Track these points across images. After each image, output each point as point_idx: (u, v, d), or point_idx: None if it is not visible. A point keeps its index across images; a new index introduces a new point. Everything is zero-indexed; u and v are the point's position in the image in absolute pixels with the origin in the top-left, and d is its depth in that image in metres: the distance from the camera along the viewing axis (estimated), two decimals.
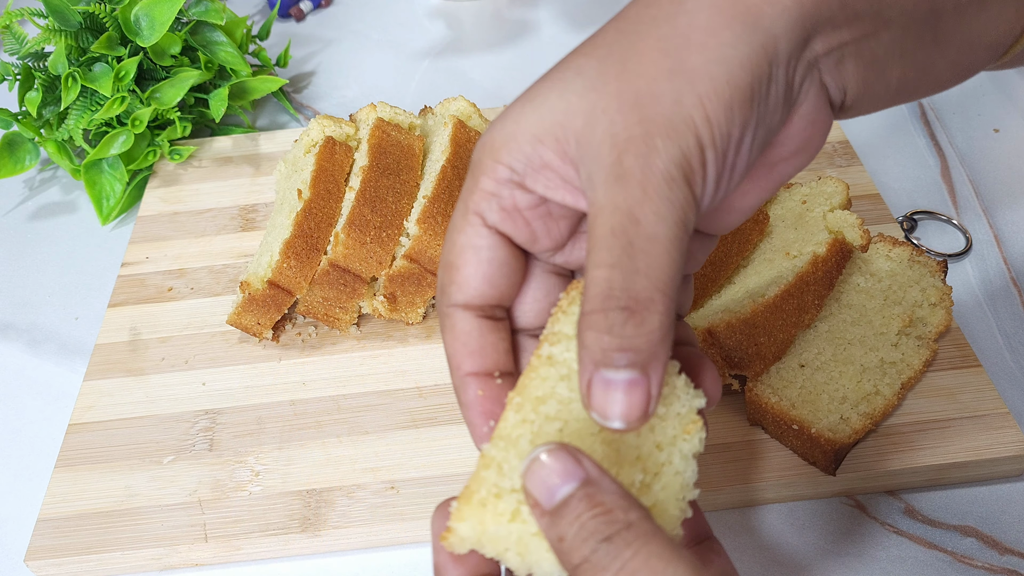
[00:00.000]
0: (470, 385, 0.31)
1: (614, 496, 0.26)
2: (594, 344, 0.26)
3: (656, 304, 0.26)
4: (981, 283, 0.59)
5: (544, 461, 0.26)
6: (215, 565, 0.47)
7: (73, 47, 0.66)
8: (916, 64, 0.31)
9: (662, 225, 0.26)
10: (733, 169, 0.28)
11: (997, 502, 0.47)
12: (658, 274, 0.26)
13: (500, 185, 0.29)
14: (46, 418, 0.55)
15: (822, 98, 0.30)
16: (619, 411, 0.26)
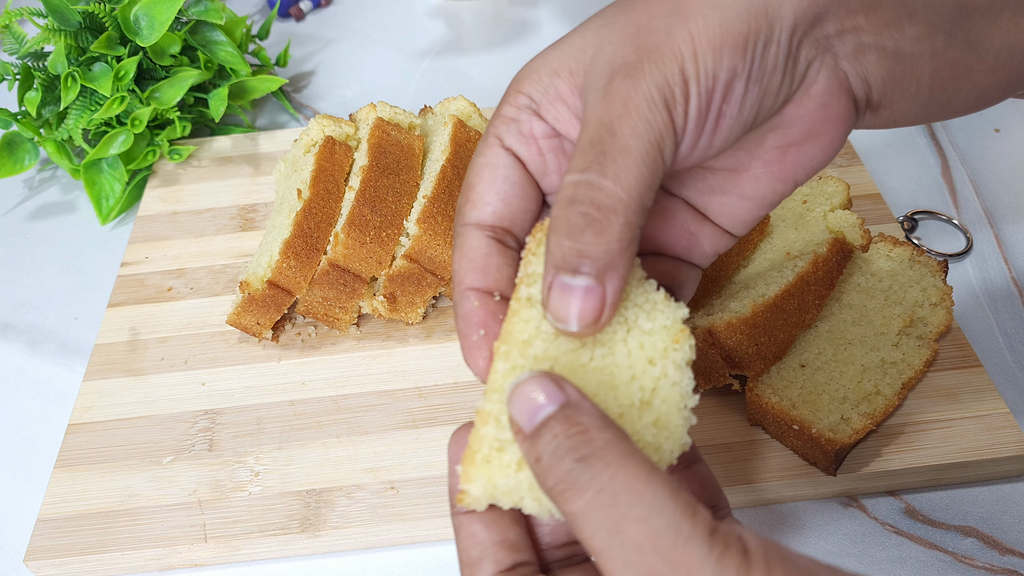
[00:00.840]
0: (469, 298, 0.31)
1: (592, 417, 0.26)
2: (555, 249, 0.27)
3: (618, 214, 0.27)
4: (982, 283, 0.59)
5: (525, 387, 0.27)
6: (215, 565, 0.47)
7: (72, 47, 0.65)
8: (950, 64, 0.31)
9: (636, 139, 0.27)
10: (721, 116, 0.29)
11: (998, 502, 0.47)
12: (624, 185, 0.27)
13: (519, 111, 0.31)
14: (45, 418, 0.55)
15: (837, 83, 0.30)
16: (573, 316, 0.27)
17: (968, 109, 0.33)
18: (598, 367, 0.29)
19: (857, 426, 0.46)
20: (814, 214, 0.55)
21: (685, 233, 0.34)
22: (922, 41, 0.30)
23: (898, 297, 0.52)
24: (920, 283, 0.52)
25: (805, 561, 0.24)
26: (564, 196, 0.28)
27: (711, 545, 0.23)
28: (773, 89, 0.29)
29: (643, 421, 0.28)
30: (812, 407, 0.47)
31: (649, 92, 0.28)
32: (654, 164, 0.28)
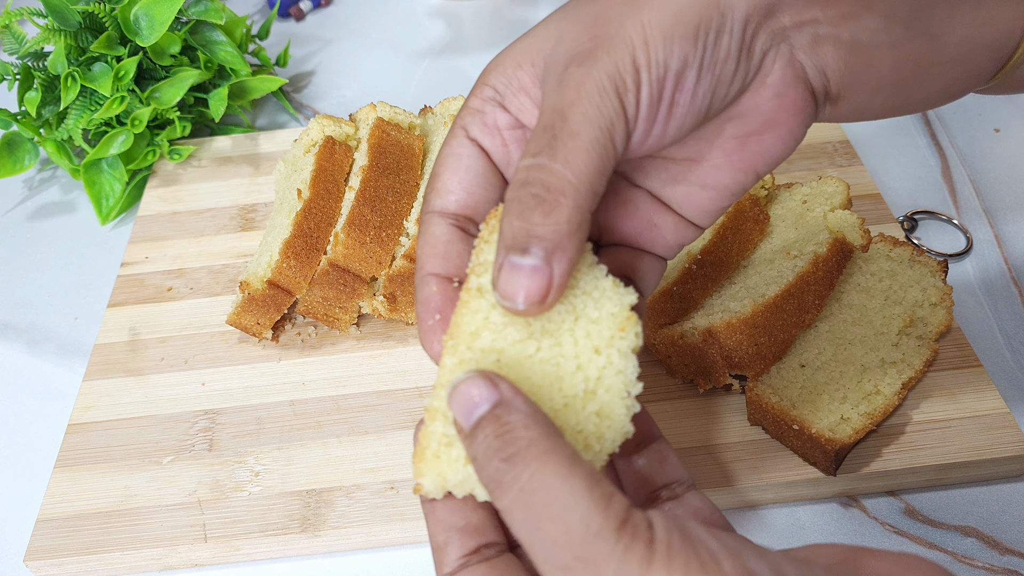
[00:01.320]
0: (429, 283, 0.32)
1: (521, 415, 0.26)
2: (507, 229, 0.28)
3: (567, 196, 0.28)
4: (982, 283, 0.59)
5: (463, 386, 0.28)
6: (215, 565, 0.47)
7: (72, 47, 0.65)
8: (911, 57, 0.31)
9: (586, 125, 0.28)
10: (674, 104, 0.29)
11: (998, 502, 0.47)
12: (573, 168, 0.28)
13: (484, 103, 0.32)
14: (45, 418, 0.55)
15: (792, 73, 0.30)
16: (520, 294, 0.28)
17: (934, 102, 0.33)
18: (544, 358, 0.29)
19: (857, 426, 0.46)
20: (814, 214, 0.55)
21: (647, 224, 0.34)
22: (880, 33, 0.30)
23: (898, 297, 0.52)
24: (920, 283, 0.52)
25: (712, 544, 0.24)
26: (517, 179, 0.28)
27: (618, 539, 0.24)
28: (727, 78, 0.30)
29: (587, 411, 0.29)
30: (812, 407, 0.47)
31: (600, 80, 0.28)
32: (604, 150, 0.28)
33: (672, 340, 0.50)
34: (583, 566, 0.24)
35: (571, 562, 0.24)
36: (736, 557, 0.24)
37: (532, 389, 0.29)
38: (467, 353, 0.29)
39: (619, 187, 0.34)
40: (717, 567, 0.23)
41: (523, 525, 0.25)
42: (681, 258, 0.52)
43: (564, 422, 0.29)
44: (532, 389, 0.29)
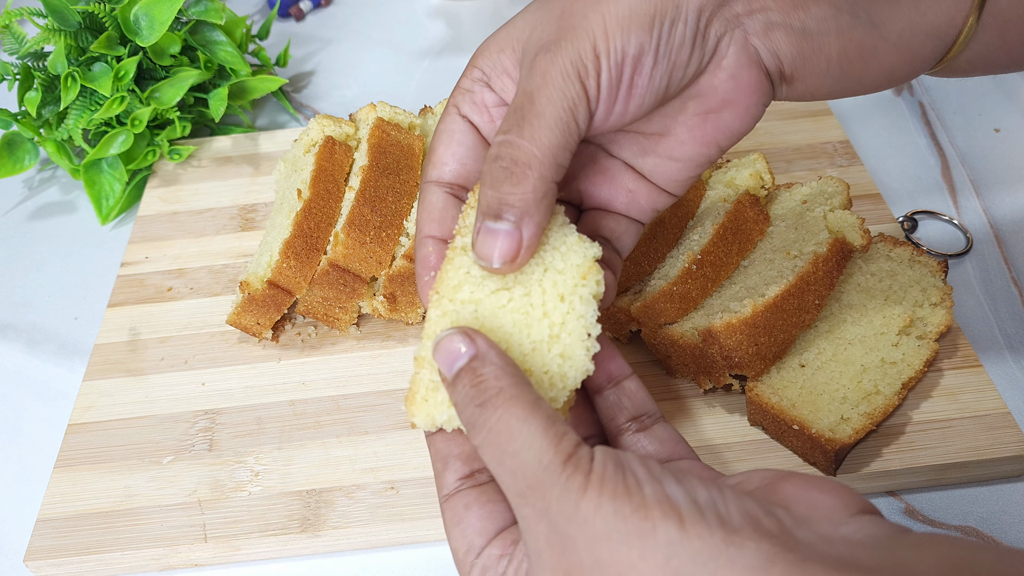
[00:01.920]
0: (426, 244, 0.36)
1: (493, 367, 0.30)
2: (482, 199, 0.32)
3: (532, 169, 0.31)
4: (982, 283, 0.59)
5: (445, 341, 0.32)
6: (215, 565, 0.47)
7: (72, 47, 0.65)
8: (856, 43, 0.34)
9: (550, 106, 0.32)
10: (632, 86, 0.33)
11: (998, 502, 0.47)
12: (538, 144, 0.32)
13: (473, 83, 0.36)
14: (45, 418, 0.55)
15: (747, 56, 0.34)
16: (494, 254, 0.32)
17: (880, 85, 0.36)
18: (516, 307, 0.33)
19: (857, 426, 0.46)
20: (814, 214, 0.55)
21: (623, 190, 0.38)
22: (827, 21, 0.34)
23: (898, 297, 0.51)
24: (920, 283, 0.52)
25: (640, 472, 0.28)
26: (490, 154, 0.32)
27: (562, 470, 0.28)
28: (682, 62, 0.33)
29: (551, 353, 0.33)
30: (812, 407, 0.47)
31: (564, 66, 0.32)
32: (566, 128, 0.32)
33: (672, 340, 0.50)
34: (533, 492, 0.28)
35: (525, 489, 0.28)
36: (658, 483, 0.27)
37: (504, 336, 0.33)
38: (449, 305, 0.33)
39: (597, 157, 0.38)
40: (639, 491, 0.27)
41: (490, 459, 0.29)
42: (681, 258, 0.52)
43: (532, 364, 0.33)
44: (504, 336, 0.33)
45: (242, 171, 0.68)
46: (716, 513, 0.26)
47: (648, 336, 0.51)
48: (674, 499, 0.27)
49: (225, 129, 0.74)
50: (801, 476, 0.29)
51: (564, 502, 0.27)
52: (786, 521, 0.26)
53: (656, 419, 0.36)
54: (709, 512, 0.26)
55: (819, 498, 0.28)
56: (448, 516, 0.33)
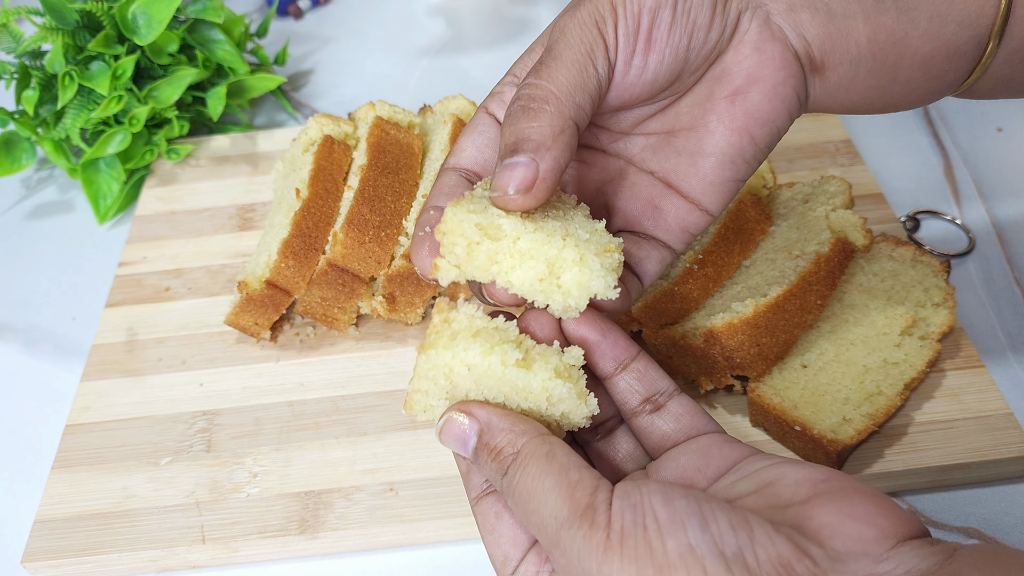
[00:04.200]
0: (429, 211, 0.36)
1: (503, 433, 0.31)
2: (501, 141, 0.32)
3: (549, 104, 0.31)
4: (984, 283, 0.58)
5: (446, 426, 0.32)
6: (213, 567, 0.47)
7: (70, 45, 0.65)
8: (884, 29, 0.34)
9: (567, 50, 0.32)
10: (651, 40, 0.33)
11: (1000, 503, 0.47)
12: (554, 82, 0.32)
13: (504, 86, 0.37)
14: (43, 419, 0.55)
15: (770, 32, 0.34)
16: (511, 185, 0.31)
17: (917, 82, 0.35)
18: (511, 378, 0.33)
19: (859, 427, 0.46)
20: (816, 214, 0.54)
21: (650, 206, 0.37)
22: (852, 4, 0.33)
23: (900, 297, 0.51)
24: (922, 283, 0.52)
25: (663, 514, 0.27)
26: (508, 105, 0.33)
27: (579, 526, 0.28)
28: (703, 24, 0.33)
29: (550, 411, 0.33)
30: (814, 408, 0.46)
31: (581, 17, 0.33)
32: (583, 68, 0.32)
33: (673, 340, 0.50)
34: (556, 549, 0.29)
35: (550, 545, 0.29)
36: (681, 530, 0.27)
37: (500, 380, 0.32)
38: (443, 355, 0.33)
39: (626, 172, 0.38)
40: (661, 546, 0.26)
41: (521, 518, 0.30)
42: (683, 258, 0.51)
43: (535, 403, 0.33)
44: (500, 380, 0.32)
45: (240, 170, 0.68)
46: (744, 565, 0.25)
47: (649, 336, 0.51)
48: (698, 550, 0.26)
49: (223, 128, 0.73)
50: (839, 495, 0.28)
51: (586, 561, 0.27)
52: (821, 563, 0.25)
53: (670, 395, 0.35)
54: (737, 565, 0.25)
55: (858, 529, 0.26)
56: (480, 522, 0.34)
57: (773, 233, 0.55)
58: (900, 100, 0.36)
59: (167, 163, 0.69)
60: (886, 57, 0.34)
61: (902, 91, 0.35)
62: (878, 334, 0.50)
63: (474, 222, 0.32)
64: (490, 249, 0.32)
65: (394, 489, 0.48)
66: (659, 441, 0.34)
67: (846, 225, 0.53)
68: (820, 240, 0.52)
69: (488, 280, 0.33)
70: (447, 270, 0.33)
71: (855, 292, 0.52)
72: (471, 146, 0.36)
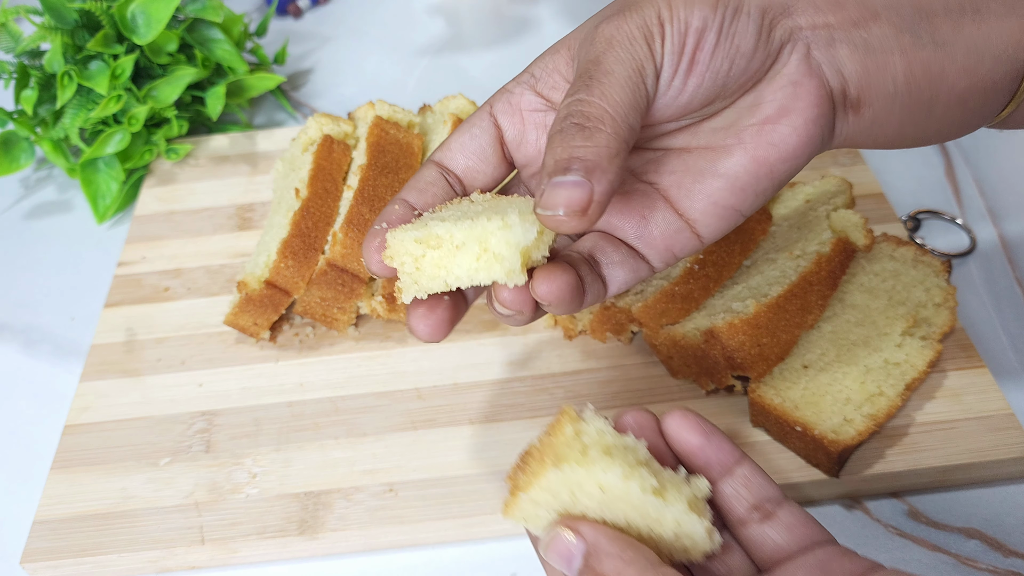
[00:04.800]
0: (397, 203, 0.35)
1: (612, 560, 0.30)
2: (548, 159, 0.30)
3: (605, 124, 0.30)
4: (985, 283, 0.58)
5: (552, 543, 0.31)
6: (212, 568, 0.47)
7: (69, 45, 0.65)
8: (921, 64, 0.33)
9: (619, 65, 0.31)
10: (694, 61, 0.32)
11: (1002, 504, 0.47)
12: (610, 101, 0.30)
13: (517, 85, 0.35)
14: (42, 419, 0.55)
15: (808, 67, 0.33)
16: (561, 205, 0.29)
17: (952, 117, 0.34)
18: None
19: (860, 427, 0.46)
20: (817, 213, 0.54)
21: (637, 215, 0.35)
22: (889, 39, 0.33)
23: (901, 297, 0.51)
24: (923, 283, 0.52)
25: None
26: (558, 117, 0.31)
27: None
28: (746, 51, 0.32)
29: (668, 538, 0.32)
30: (815, 408, 0.46)
31: (630, 29, 0.31)
32: (636, 87, 0.31)
33: (674, 341, 0.49)
34: None
35: None
36: None
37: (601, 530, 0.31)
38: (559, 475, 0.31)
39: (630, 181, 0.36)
40: None
41: None
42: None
43: (652, 527, 0.31)
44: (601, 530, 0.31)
45: (239, 170, 0.68)
46: None
47: (650, 337, 0.51)
48: None
49: (222, 128, 0.73)
50: None
51: None
52: None
53: (778, 502, 0.33)
54: None
55: None
56: None
57: (774, 233, 0.55)
58: (934, 135, 0.35)
59: (166, 163, 0.69)
60: (922, 93, 0.33)
61: (937, 126, 0.34)
62: (879, 334, 0.49)
63: (412, 238, 0.32)
64: (435, 257, 0.32)
65: (394, 490, 0.48)
66: (771, 553, 0.32)
67: (847, 225, 0.53)
68: (821, 240, 0.52)
69: (444, 287, 0.32)
70: (407, 289, 0.33)
71: (856, 292, 0.52)
72: (460, 150, 0.35)
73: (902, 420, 0.48)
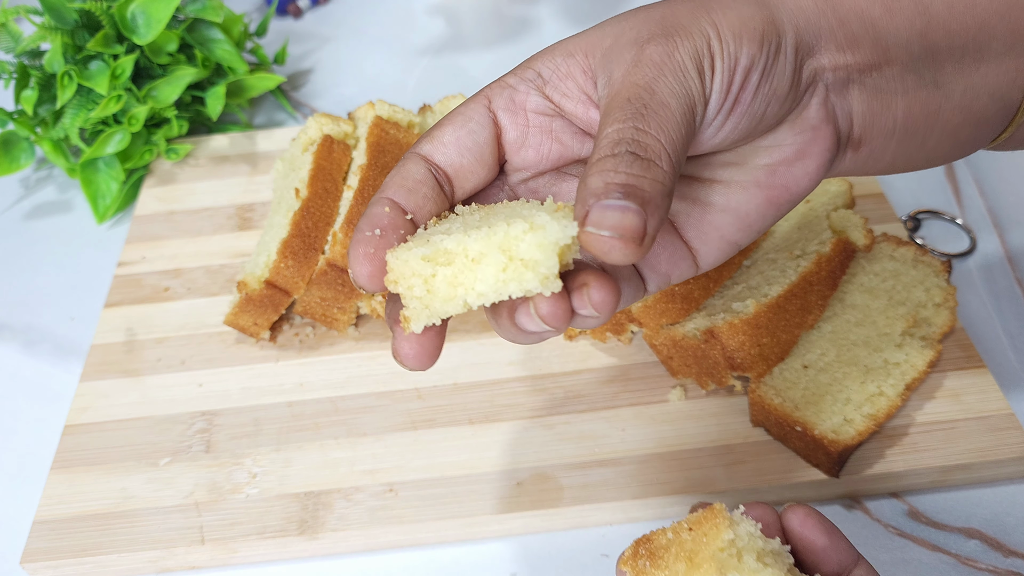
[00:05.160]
0: (383, 204, 0.30)
1: None
2: (598, 181, 0.27)
3: (662, 161, 0.27)
4: (985, 283, 0.58)
5: None
6: (212, 568, 0.47)
7: (69, 45, 0.65)
8: (920, 102, 0.33)
9: (674, 99, 0.28)
10: (737, 102, 0.30)
11: (1002, 504, 0.47)
12: (667, 136, 0.28)
13: (521, 81, 0.32)
14: (42, 419, 0.55)
15: (825, 112, 0.32)
16: (615, 223, 0.26)
17: (942, 150, 0.35)
18: None
19: (860, 427, 0.46)
20: (817, 213, 0.54)
21: None
22: (895, 80, 0.32)
23: (901, 297, 0.51)
24: (924, 283, 0.52)
25: None
26: (608, 140, 0.28)
27: None
28: (782, 93, 0.31)
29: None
30: (815, 408, 0.46)
31: (683, 61, 0.29)
32: (689, 126, 0.29)
33: (674, 341, 0.49)
34: None
35: None
36: None
37: None
38: None
39: None
40: None
41: None
42: None
43: None
44: None
45: (239, 170, 0.68)
46: None
47: (650, 337, 0.51)
48: None
49: (222, 128, 0.73)
50: None
51: None
52: None
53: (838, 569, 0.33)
54: None
55: None
56: None
57: (774, 232, 0.55)
58: (923, 163, 0.35)
59: (166, 163, 0.69)
60: (918, 130, 0.33)
61: (927, 156, 0.35)
62: (879, 334, 0.49)
63: (419, 256, 0.28)
64: (447, 275, 0.28)
65: (394, 490, 0.48)
66: None
67: (847, 225, 0.53)
68: (821, 240, 0.52)
69: (464, 308, 0.28)
70: (417, 316, 0.29)
71: (856, 292, 0.52)
72: (453, 142, 0.31)
73: (902, 420, 0.48)
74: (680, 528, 0.32)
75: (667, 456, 0.48)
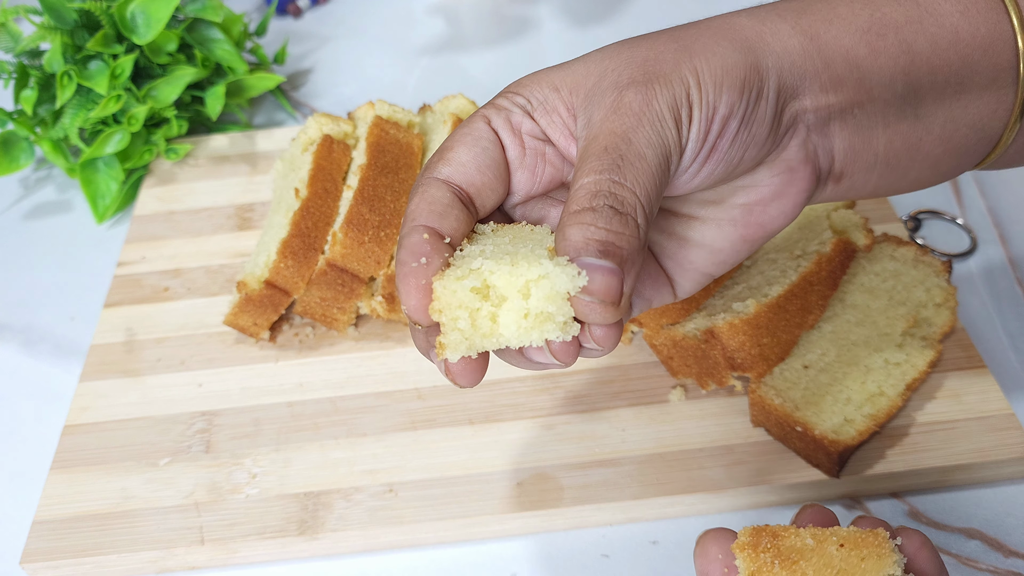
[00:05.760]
0: (419, 231, 0.30)
1: None
2: (578, 235, 0.28)
3: (638, 215, 0.28)
4: (986, 283, 0.58)
5: None
6: (212, 568, 0.47)
7: (69, 45, 0.65)
8: (901, 135, 0.33)
9: (650, 150, 0.29)
10: (714, 149, 0.30)
11: (1002, 504, 0.47)
12: (642, 188, 0.28)
13: (513, 106, 0.32)
14: (41, 419, 0.55)
15: (805, 153, 0.32)
16: (599, 288, 0.27)
17: (924, 179, 0.35)
18: None
19: (860, 428, 0.45)
20: (817, 213, 0.54)
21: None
22: (876, 116, 0.33)
23: (902, 297, 0.51)
24: (924, 283, 0.52)
25: None
26: (586, 193, 0.28)
27: None
28: (760, 139, 0.31)
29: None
30: (815, 408, 0.46)
31: (661, 109, 0.29)
32: (664, 175, 0.29)
33: (674, 341, 0.49)
34: None
35: None
36: None
37: None
38: None
39: None
40: None
41: None
42: None
43: None
44: None
45: (239, 170, 0.68)
46: None
47: (650, 337, 0.51)
48: None
49: (222, 127, 0.73)
50: None
51: None
52: None
53: None
54: None
55: None
56: None
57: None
58: (905, 189, 0.36)
59: (166, 163, 0.69)
60: (899, 162, 0.34)
61: (908, 185, 0.35)
62: (879, 334, 0.49)
63: (468, 288, 0.28)
64: (491, 311, 0.28)
65: (394, 490, 0.48)
66: None
67: (848, 225, 0.53)
68: (821, 240, 0.52)
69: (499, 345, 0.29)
70: (456, 347, 0.29)
71: (856, 292, 0.52)
72: (471, 161, 0.31)
73: (902, 420, 0.48)
74: (826, 539, 0.30)
75: (667, 456, 0.48)
